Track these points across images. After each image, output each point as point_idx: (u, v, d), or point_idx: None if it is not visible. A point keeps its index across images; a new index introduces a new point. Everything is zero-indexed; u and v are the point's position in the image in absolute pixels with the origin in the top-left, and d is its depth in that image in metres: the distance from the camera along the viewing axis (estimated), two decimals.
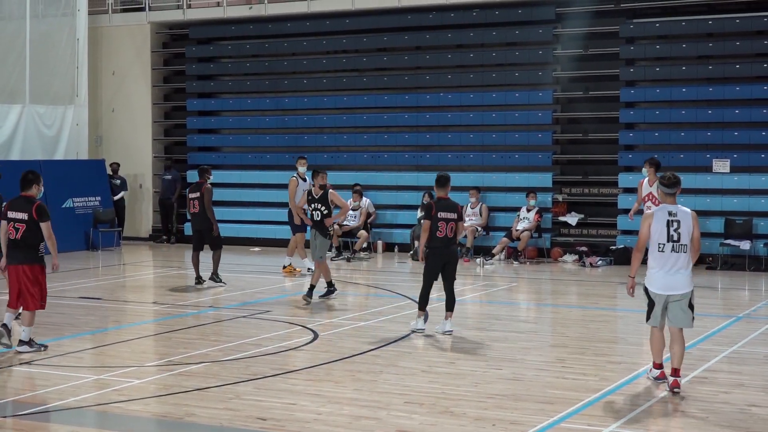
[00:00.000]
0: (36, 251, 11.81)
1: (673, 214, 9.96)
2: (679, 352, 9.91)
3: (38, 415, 9.04)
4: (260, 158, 25.98)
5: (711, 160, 21.42)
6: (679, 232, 9.91)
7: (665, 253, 9.90)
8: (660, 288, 9.95)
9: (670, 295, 9.94)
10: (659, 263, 9.93)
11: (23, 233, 11.71)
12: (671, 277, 9.92)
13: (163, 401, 9.65)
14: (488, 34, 23.90)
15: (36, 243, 11.77)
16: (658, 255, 9.93)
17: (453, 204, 13.04)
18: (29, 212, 11.69)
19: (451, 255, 13.03)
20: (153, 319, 14.56)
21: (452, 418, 8.91)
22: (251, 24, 26.34)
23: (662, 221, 9.93)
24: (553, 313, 14.93)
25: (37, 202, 11.79)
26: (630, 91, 22.35)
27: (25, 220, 11.68)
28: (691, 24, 21.99)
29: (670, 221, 9.92)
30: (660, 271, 9.93)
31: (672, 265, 9.91)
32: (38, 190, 11.90)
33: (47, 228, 11.70)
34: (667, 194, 10.08)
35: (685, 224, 9.93)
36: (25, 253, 11.76)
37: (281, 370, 10.89)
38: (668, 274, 9.92)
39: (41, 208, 11.71)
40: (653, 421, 8.83)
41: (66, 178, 24.48)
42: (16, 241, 11.76)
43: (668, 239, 9.89)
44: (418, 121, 24.51)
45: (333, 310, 15.18)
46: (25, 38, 24.62)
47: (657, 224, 9.93)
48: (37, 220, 11.65)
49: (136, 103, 27.42)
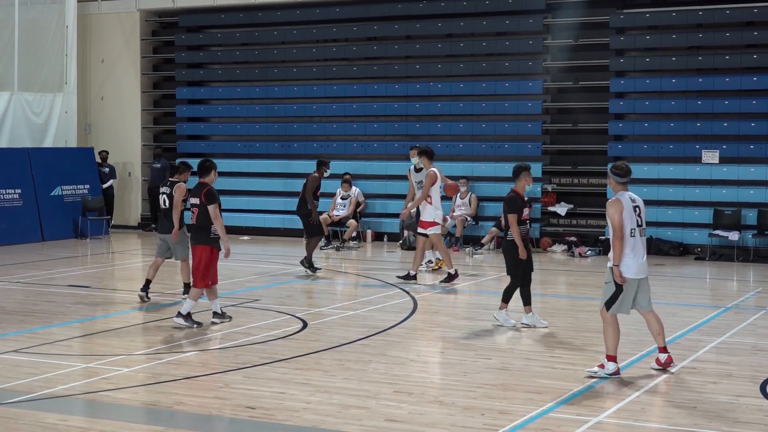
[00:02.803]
0: (208, 233, 12.69)
1: (634, 200, 10.18)
2: (662, 329, 10.31)
3: (26, 403, 9.02)
4: (250, 147, 25.94)
5: (700, 151, 21.46)
6: (642, 217, 10.18)
7: (636, 237, 10.09)
8: (635, 273, 10.10)
9: (641, 280, 10.16)
10: (632, 249, 10.09)
11: (197, 216, 12.73)
12: (642, 262, 10.13)
13: (152, 390, 9.63)
14: (478, 24, 23.88)
15: (208, 225, 12.66)
16: (631, 240, 10.09)
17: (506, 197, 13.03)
18: (200, 197, 12.66)
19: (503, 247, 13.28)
20: (142, 308, 14.53)
21: (441, 408, 8.92)
22: (241, 12, 26.28)
23: (629, 208, 10.10)
24: (542, 303, 14.95)
25: (206, 188, 12.69)
26: (620, 81, 22.37)
27: (198, 204, 12.69)
28: (681, 14, 22.00)
29: (634, 207, 10.14)
30: (634, 257, 10.08)
31: (641, 249, 10.13)
32: (213, 178, 12.83)
33: (213, 210, 12.59)
34: (620, 183, 10.20)
35: (643, 209, 10.25)
36: (199, 235, 12.73)
37: (270, 359, 10.88)
38: (640, 258, 10.10)
39: (209, 193, 12.63)
40: (642, 410, 8.85)
41: (55, 166, 24.43)
42: (193, 225, 12.82)
43: (638, 224, 10.14)
44: (408, 111, 24.50)
45: (322, 299, 15.16)
46: (13, 25, 24.51)
47: (627, 211, 10.09)
48: (206, 204, 12.58)
49: (125, 91, 27.34)
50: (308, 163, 25.08)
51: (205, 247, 12.67)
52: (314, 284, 16.96)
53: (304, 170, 25.20)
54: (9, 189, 23.32)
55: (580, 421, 8.47)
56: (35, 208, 23.85)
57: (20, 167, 23.66)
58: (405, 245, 22.03)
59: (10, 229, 23.00)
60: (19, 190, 23.55)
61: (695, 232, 21.19)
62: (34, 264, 19.50)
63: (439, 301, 15.30)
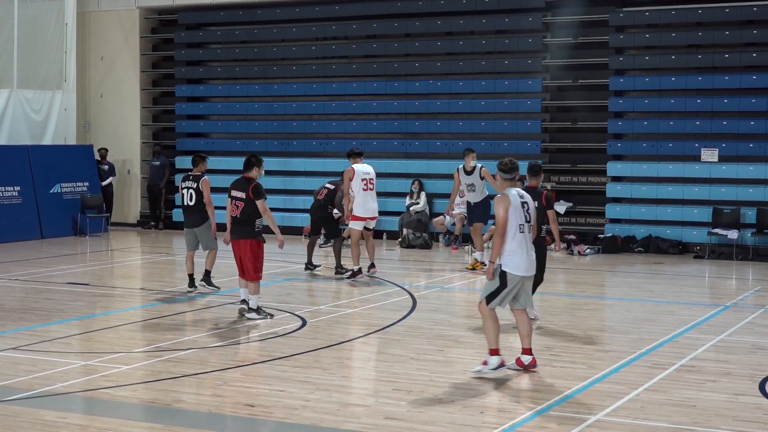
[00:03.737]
0: (253, 227, 13.01)
1: (522, 197, 10.09)
2: (530, 331, 10.28)
3: (25, 401, 9.02)
4: (249, 144, 25.92)
5: (699, 149, 21.47)
6: (529, 213, 10.07)
7: (524, 234, 9.97)
8: (523, 270, 9.97)
9: (526, 277, 10.05)
10: (521, 245, 9.94)
11: (242, 210, 12.98)
12: (530, 259, 10.02)
13: (150, 387, 9.64)
14: (478, 22, 23.86)
15: (252, 219, 12.97)
16: (520, 237, 9.95)
17: (537, 192, 12.97)
18: (247, 191, 12.92)
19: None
20: (141, 305, 14.53)
21: (441, 406, 8.92)
22: (240, 10, 26.26)
23: (517, 203, 9.99)
24: (541, 301, 14.94)
25: (253, 183, 12.99)
26: (619, 79, 22.36)
27: (243, 198, 12.96)
28: (681, 13, 22.00)
29: (522, 203, 10.04)
30: (522, 253, 9.94)
31: (529, 245, 10.01)
32: (258, 173, 13.15)
33: (262, 205, 12.95)
34: (506, 180, 10.12)
35: (532, 206, 10.15)
36: (243, 229, 13.00)
37: (269, 356, 10.89)
38: (528, 255, 9.99)
39: (257, 188, 12.94)
40: (641, 409, 8.85)
41: (54, 163, 24.42)
42: (236, 218, 13.07)
43: (526, 219, 10.03)
44: (407, 109, 24.49)
45: (322, 297, 15.17)
46: (13, 22, 24.49)
47: (514, 207, 9.99)
48: (253, 199, 12.90)
49: (124, 89, 27.32)
50: (307, 160, 25.13)
51: (252, 241, 13.01)
52: (313, 282, 16.96)
53: (303, 168, 25.26)
54: (8, 186, 23.30)
55: (578, 420, 8.47)
56: (34, 205, 23.85)
57: (19, 164, 23.65)
58: (404, 243, 22.02)
59: (10, 226, 22.99)
60: (18, 187, 23.54)
61: (694, 230, 21.19)
62: (33, 261, 19.49)
63: (439, 299, 15.30)
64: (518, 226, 9.93)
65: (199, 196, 15.00)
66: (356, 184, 17.07)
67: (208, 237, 15.20)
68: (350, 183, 17.10)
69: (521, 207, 9.99)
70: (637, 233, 21.57)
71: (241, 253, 13.06)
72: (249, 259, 13.00)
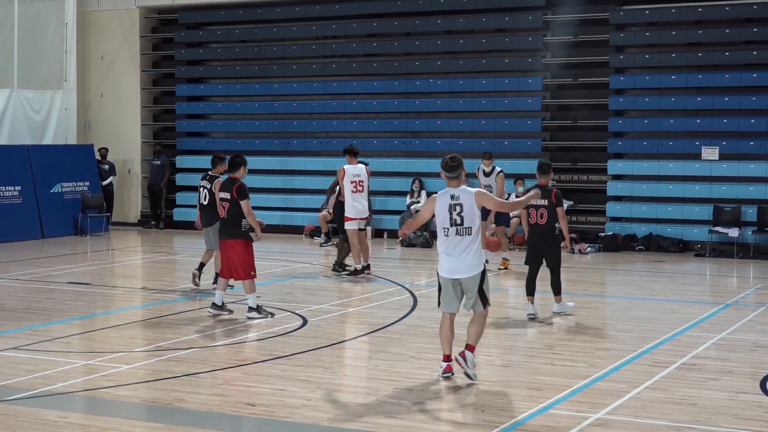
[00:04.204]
0: (240, 227, 13.04)
1: (455, 198, 9.68)
2: (474, 332, 9.88)
3: (26, 401, 9.02)
4: (249, 144, 25.92)
5: (700, 148, 21.46)
6: (462, 215, 9.63)
7: (450, 237, 9.64)
8: (447, 272, 9.72)
9: (459, 279, 9.71)
10: (445, 247, 9.70)
11: (228, 211, 13.06)
12: (457, 261, 9.65)
13: (151, 387, 9.64)
14: (478, 21, 23.86)
15: (239, 219, 13.01)
16: (444, 239, 9.70)
17: (547, 190, 13.26)
18: (231, 192, 12.98)
19: (545, 242, 13.26)
20: (141, 305, 14.53)
21: (442, 404, 8.92)
22: (240, 9, 26.26)
23: (444, 205, 9.67)
24: (542, 300, 14.92)
25: (237, 183, 13.05)
26: (619, 78, 22.36)
27: (229, 199, 13.01)
28: (681, 11, 21.99)
29: (453, 205, 9.65)
30: (447, 255, 9.69)
31: (456, 248, 9.64)
32: (244, 172, 13.17)
33: (246, 206, 12.98)
34: (450, 178, 9.77)
35: (467, 206, 9.63)
36: (231, 229, 13.06)
37: (270, 355, 10.89)
38: (454, 258, 9.65)
39: (240, 189, 12.99)
40: (641, 407, 8.84)
41: (54, 163, 24.43)
42: (224, 219, 13.15)
43: (451, 223, 9.63)
44: (408, 107, 24.49)
45: (322, 296, 15.16)
46: (13, 22, 24.49)
47: (439, 209, 9.70)
48: (237, 199, 12.92)
49: (124, 88, 27.32)
50: (308, 159, 25.13)
51: (239, 241, 13.01)
52: (314, 281, 16.96)
53: (303, 167, 25.25)
54: (9, 186, 23.30)
55: (580, 418, 8.47)
56: (35, 205, 23.85)
57: (20, 164, 23.65)
58: (405, 242, 22.03)
59: (10, 226, 22.99)
60: (18, 187, 23.54)
61: (695, 228, 21.19)
62: (34, 261, 19.50)
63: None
64: (442, 230, 9.68)
65: (212, 197, 14.91)
66: (347, 185, 16.99)
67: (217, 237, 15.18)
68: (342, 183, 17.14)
69: (449, 210, 9.65)
70: (637, 231, 21.56)
71: (230, 253, 13.07)
72: (238, 259, 13.01)
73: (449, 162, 9.71)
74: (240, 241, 13.04)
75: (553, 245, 13.30)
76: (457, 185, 9.74)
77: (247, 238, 13.13)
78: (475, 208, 9.63)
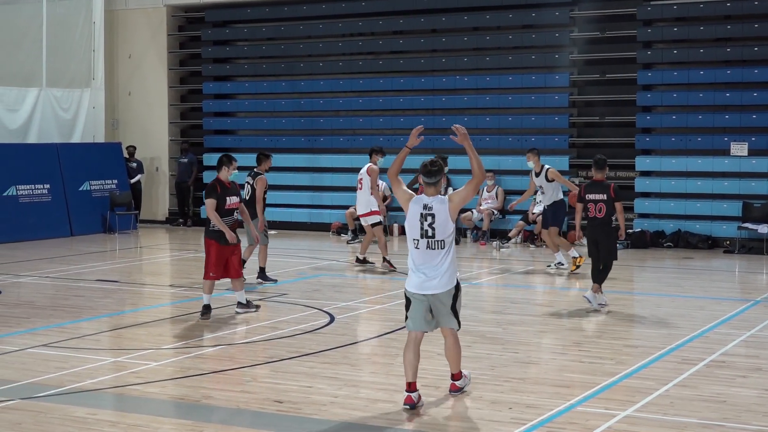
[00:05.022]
0: (208, 226, 12.80)
1: (428, 208, 8.71)
2: (454, 358, 9.02)
3: (55, 397, 9.08)
4: (276, 141, 25.98)
5: (729, 144, 21.32)
6: (434, 227, 8.64)
7: (420, 250, 8.68)
8: (416, 287, 8.72)
9: (430, 296, 8.71)
10: (415, 261, 8.73)
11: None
12: (428, 276, 8.67)
13: (180, 384, 9.68)
14: (504, 17, 23.81)
15: (208, 219, 12.75)
16: (414, 252, 8.73)
17: (605, 185, 13.68)
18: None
19: (602, 234, 13.60)
20: (170, 302, 14.59)
21: (468, 402, 8.91)
22: (267, 7, 26.32)
23: (415, 214, 8.74)
24: (569, 297, 14.90)
25: (210, 183, 12.84)
26: (647, 73, 22.24)
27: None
28: (709, 6, 21.85)
29: (424, 215, 8.69)
30: (416, 269, 8.72)
31: (427, 262, 8.67)
32: (228, 172, 12.90)
33: (207, 205, 12.74)
34: (427, 184, 8.82)
35: (440, 218, 8.65)
36: (206, 228, 12.91)
37: (298, 353, 10.91)
38: (424, 272, 8.67)
39: (207, 188, 12.85)
40: (670, 404, 8.80)
41: (83, 161, 24.60)
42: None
43: (422, 234, 8.67)
44: (434, 104, 24.47)
45: (349, 294, 15.18)
46: (41, 21, 24.66)
47: (410, 218, 8.77)
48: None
49: (152, 87, 27.45)
50: (334, 157, 25.17)
51: (209, 241, 12.90)
52: (342, 278, 16.98)
53: (330, 164, 25.29)
54: (38, 184, 23.48)
55: (608, 415, 8.44)
56: (64, 203, 24.01)
57: (49, 163, 23.83)
58: None
59: (40, 224, 23.17)
60: (47, 185, 23.71)
61: (724, 225, 21.05)
62: (63, 259, 19.63)
63: (466, 295, 15.24)
64: (412, 241, 8.73)
65: (254, 193, 15.74)
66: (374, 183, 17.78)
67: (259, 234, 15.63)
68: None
69: (420, 220, 8.70)
70: (666, 228, 21.45)
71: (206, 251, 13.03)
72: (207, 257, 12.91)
73: (429, 166, 8.81)
74: (206, 240, 12.92)
75: (610, 238, 13.72)
76: (434, 193, 8.81)
77: (212, 237, 12.81)
78: (449, 221, 8.66)
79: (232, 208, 12.95)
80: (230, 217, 12.91)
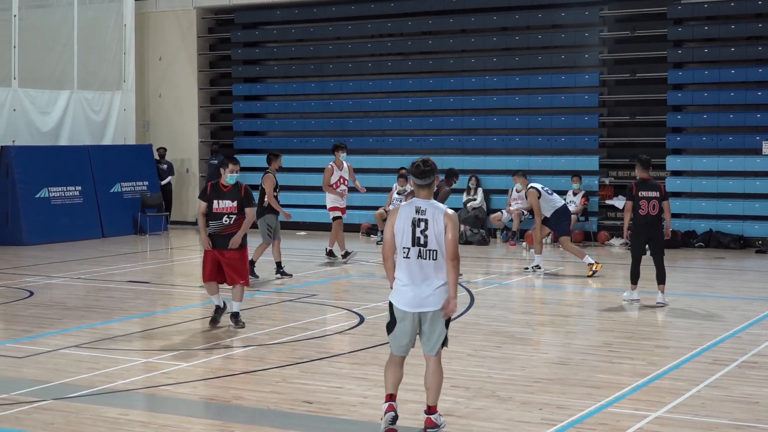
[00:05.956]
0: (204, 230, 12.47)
1: (421, 211, 7.81)
2: (434, 386, 8.01)
3: (87, 398, 9.14)
4: (305, 142, 26.05)
5: (761, 143, 21.17)
6: (426, 234, 7.75)
7: (411, 260, 7.78)
8: (407, 304, 7.83)
9: (421, 314, 7.86)
10: (405, 273, 7.82)
11: None
12: (419, 291, 7.80)
13: (210, 384, 9.73)
14: (534, 17, 23.76)
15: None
16: (404, 263, 7.82)
17: (655, 184, 14.06)
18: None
19: (655, 231, 13.96)
20: (200, 303, 14.66)
21: (498, 402, 8.90)
22: (296, 8, 26.39)
23: (407, 220, 7.82)
24: (599, 297, 14.84)
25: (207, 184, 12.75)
26: (678, 72, 22.12)
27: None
28: (740, 4, 21.70)
29: (417, 220, 7.80)
30: (407, 283, 7.83)
31: (418, 275, 7.79)
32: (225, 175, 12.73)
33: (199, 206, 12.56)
34: (419, 186, 7.88)
35: (433, 224, 7.75)
36: None
37: (327, 353, 10.93)
38: (417, 286, 7.80)
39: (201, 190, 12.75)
40: (701, 406, 8.75)
41: (114, 163, 24.76)
42: None
43: (414, 242, 7.78)
44: (464, 105, 24.44)
45: (378, 294, 15.19)
46: (72, 24, 24.84)
47: (400, 224, 7.84)
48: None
49: (182, 88, 27.58)
50: (364, 158, 25.16)
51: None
52: (370, 279, 16.99)
53: (360, 165, 25.22)
54: (70, 186, 23.65)
55: (638, 416, 8.40)
56: (95, 204, 24.17)
57: (80, 164, 24.00)
58: (462, 239, 21.96)
59: (71, 225, 23.33)
60: (79, 187, 23.88)
61: (756, 224, 20.90)
62: (95, 260, 19.76)
63: (496, 295, 15.25)
64: (402, 250, 7.82)
65: (262, 192, 16.23)
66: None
67: (263, 230, 16.40)
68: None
69: (413, 225, 7.81)
70: (697, 228, 21.32)
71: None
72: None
73: (420, 166, 7.83)
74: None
75: (661, 234, 14.05)
76: (427, 196, 7.88)
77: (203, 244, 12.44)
78: (443, 229, 7.75)
79: (222, 212, 12.22)
80: (218, 221, 12.19)
